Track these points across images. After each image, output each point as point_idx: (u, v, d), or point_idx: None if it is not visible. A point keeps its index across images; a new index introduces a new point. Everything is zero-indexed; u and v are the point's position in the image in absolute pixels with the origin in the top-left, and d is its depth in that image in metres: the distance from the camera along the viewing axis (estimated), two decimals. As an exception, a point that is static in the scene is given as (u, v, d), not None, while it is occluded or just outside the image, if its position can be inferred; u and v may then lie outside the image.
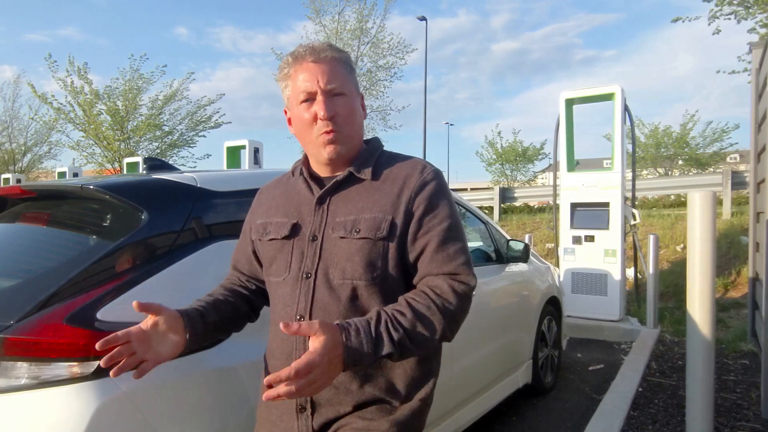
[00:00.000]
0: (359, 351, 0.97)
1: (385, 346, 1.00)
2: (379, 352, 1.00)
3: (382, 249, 1.12)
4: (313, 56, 1.16)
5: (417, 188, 1.15)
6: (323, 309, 1.12)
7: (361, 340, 0.98)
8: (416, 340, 1.04)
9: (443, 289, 1.09)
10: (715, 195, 2.23)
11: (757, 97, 4.26)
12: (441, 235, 1.12)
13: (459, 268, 1.12)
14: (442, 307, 1.07)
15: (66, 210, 1.89)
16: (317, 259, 1.14)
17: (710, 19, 8.79)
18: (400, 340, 1.02)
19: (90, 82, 15.37)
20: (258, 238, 1.28)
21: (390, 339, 1.01)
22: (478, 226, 3.36)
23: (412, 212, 1.14)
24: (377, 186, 1.18)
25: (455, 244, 1.13)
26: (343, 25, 15.86)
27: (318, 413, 1.13)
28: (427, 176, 1.17)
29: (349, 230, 1.13)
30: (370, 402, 1.13)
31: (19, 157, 21.59)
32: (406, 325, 1.03)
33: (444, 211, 1.15)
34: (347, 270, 1.11)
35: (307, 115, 1.16)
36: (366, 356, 0.98)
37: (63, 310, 1.36)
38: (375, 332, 1.00)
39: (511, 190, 14.07)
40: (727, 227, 8.37)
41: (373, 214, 1.13)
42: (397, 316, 1.04)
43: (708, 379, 2.22)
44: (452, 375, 2.52)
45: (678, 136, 21.01)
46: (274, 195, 1.32)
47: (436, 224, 1.13)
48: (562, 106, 5.74)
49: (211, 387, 1.54)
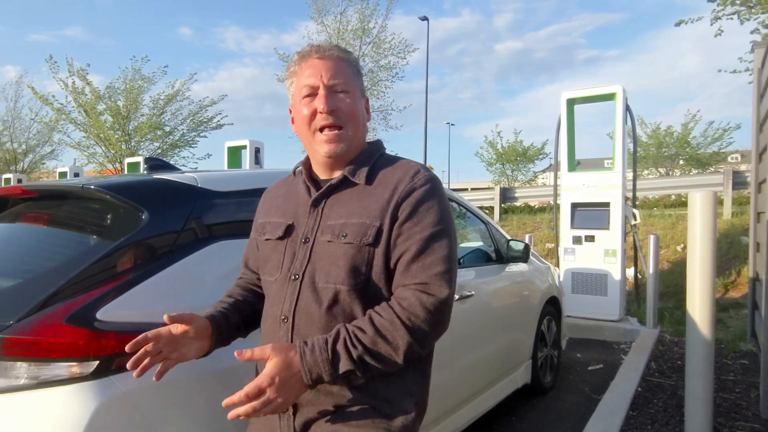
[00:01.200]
0: (316, 369, 1.00)
1: (342, 363, 1.01)
2: (337, 370, 1.01)
3: (367, 255, 1.10)
4: (319, 53, 1.17)
5: (405, 194, 1.11)
6: (305, 311, 1.12)
7: (316, 358, 1.00)
8: (378, 356, 1.03)
9: (410, 302, 1.05)
10: (715, 195, 2.23)
11: (758, 97, 4.26)
12: (419, 244, 1.08)
13: (431, 278, 1.06)
14: (408, 322, 1.04)
15: (66, 210, 1.90)
16: (306, 261, 1.14)
17: (713, 20, 8.78)
18: (359, 357, 1.01)
19: (90, 82, 15.39)
20: (257, 237, 1.30)
21: (348, 356, 1.01)
22: (478, 226, 3.36)
23: (396, 218, 1.10)
24: (370, 191, 1.15)
25: (434, 253, 1.08)
26: (345, 25, 15.84)
27: (300, 413, 1.13)
28: (417, 181, 1.13)
29: (337, 234, 1.12)
30: (355, 406, 1.10)
31: (20, 157, 21.61)
32: (366, 342, 1.02)
33: (429, 218, 1.10)
34: (331, 274, 1.11)
35: (306, 111, 1.16)
36: (325, 373, 1.00)
37: (63, 310, 1.36)
38: (331, 350, 1.01)
39: (512, 190, 14.06)
40: (727, 227, 8.36)
41: (361, 219, 1.11)
42: (357, 332, 1.03)
43: (707, 379, 2.23)
44: (451, 375, 2.52)
45: (679, 136, 20.99)
46: (277, 195, 1.33)
47: (417, 232, 1.09)
48: (563, 106, 5.73)
49: (210, 387, 1.54)
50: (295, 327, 1.13)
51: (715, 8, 8.67)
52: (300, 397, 1.05)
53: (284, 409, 1.02)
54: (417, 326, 1.04)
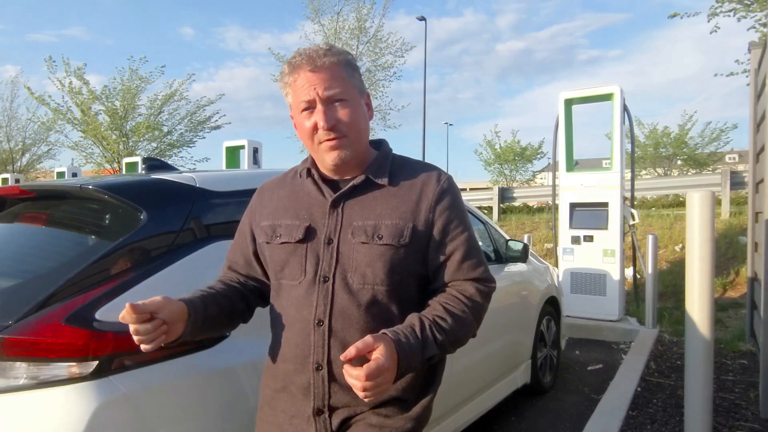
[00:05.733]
0: (410, 356, 1.05)
1: (430, 349, 1.09)
2: (426, 355, 1.08)
3: (403, 255, 1.15)
4: (311, 65, 1.14)
5: (436, 197, 1.19)
6: (342, 313, 1.13)
7: (412, 347, 1.05)
8: (455, 340, 1.15)
9: (472, 293, 1.19)
10: (713, 195, 2.23)
11: (756, 97, 4.27)
12: (466, 245, 1.20)
13: (484, 273, 1.23)
14: (473, 309, 1.18)
15: (65, 210, 1.89)
16: (334, 262, 1.14)
17: (710, 16, 8.79)
18: (442, 342, 1.11)
19: (87, 82, 15.36)
20: (266, 241, 1.24)
21: (435, 342, 1.10)
22: (477, 226, 3.35)
23: (433, 221, 1.18)
24: (394, 192, 1.19)
25: (478, 252, 1.23)
26: (341, 25, 15.85)
27: (335, 415, 1.15)
28: (444, 185, 1.21)
29: (371, 236, 1.13)
30: (386, 401, 1.16)
31: (17, 156, 21.56)
32: (447, 328, 1.12)
33: (465, 221, 1.22)
34: (368, 275, 1.13)
35: (308, 124, 1.16)
36: (416, 360, 1.06)
37: (62, 310, 1.36)
38: (422, 337, 1.08)
39: (510, 190, 14.07)
40: (725, 227, 8.38)
41: (393, 220, 1.15)
42: (438, 321, 1.12)
43: (707, 379, 2.23)
44: (451, 375, 2.50)
45: (677, 136, 21.04)
46: (279, 195, 1.28)
47: (459, 234, 1.19)
48: (561, 106, 5.74)
49: (210, 387, 1.54)
50: (332, 330, 1.12)
51: (714, 4, 8.69)
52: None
53: (379, 396, 1.01)
54: (478, 312, 1.20)
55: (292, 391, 1.17)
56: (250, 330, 1.60)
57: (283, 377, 1.19)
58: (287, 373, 1.17)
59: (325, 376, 1.12)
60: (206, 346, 1.55)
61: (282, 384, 1.19)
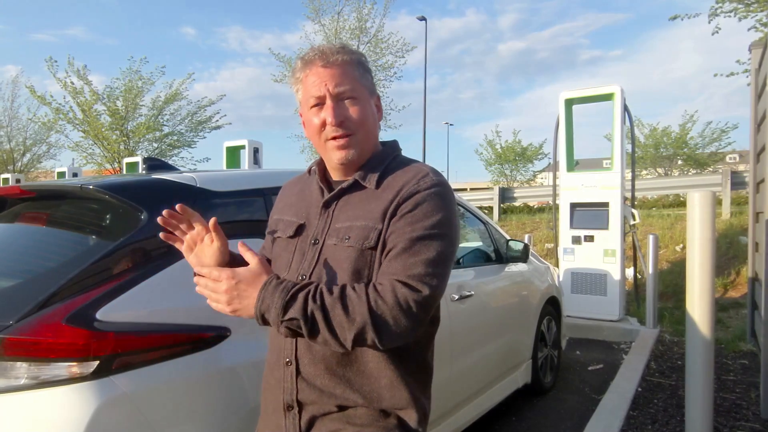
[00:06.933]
0: (268, 302, 1.02)
1: (293, 309, 1.00)
2: (286, 311, 1.01)
3: (369, 258, 1.09)
4: (323, 60, 1.14)
5: (407, 195, 1.09)
6: None
7: (275, 295, 1.02)
8: (329, 321, 1.00)
9: (383, 288, 1.02)
10: (714, 195, 2.23)
11: (756, 97, 4.27)
12: (406, 243, 1.05)
13: (410, 277, 1.02)
14: (373, 303, 1.00)
15: (65, 210, 1.89)
16: (314, 262, 1.15)
17: (710, 16, 8.79)
18: (312, 312, 1.00)
19: (89, 82, 15.38)
20: (270, 234, 1.31)
21: (303, 307, 1.00)
22: (477, 226, 3.36)
23: (395, 216, 1.09)
24: (377, 194, 1.14)
25: (420, 254, 1.04)
26: (342, 25, 15.85)
27: (305, 411, 1.14)
28: (422, 184, 1.11)
29: (341, 237, 1.12)
30: (359, 408, 1.11)
31: (18, 156, 21.57)
32: (326, 302, 1.00)
33: (425, 220, 1.06)
34: (336, 277, 1.11)
35: (316, 120, 1.16)
36: (273, 311, 1.02)
37: (62, 310, 1.36)
38: (292, 292, 1.02)
39: (511, 190, 14.07)
40: (726, 227, 8.37)
41: (364, 222, 1.11)
42: (323, 290, 1.02)
43: (707, 379, 2.23)
44: (451, 375, 2.52)
45: (677, 137, 21.02)
46: (292, 192, 1.33)
47: (408, 231, 1.05)
48: (561, 106, 5.74)
49: (211, 387, 1.54)
50: None
51: (714, 5, 8.68)
52: (243, 315, 1.07)
53: (231, 308, 1.06)
54: (381, 312, 0.99)
55: (272, 384, 1.20)
56: (250, 330, 1.60)
57: (268, 370, 1.23)
58: (270, 365, 1.22)
59: (293, 371, 1.14)
60: (206, 346, 1.55)
61: (268, 377, 1.23)
